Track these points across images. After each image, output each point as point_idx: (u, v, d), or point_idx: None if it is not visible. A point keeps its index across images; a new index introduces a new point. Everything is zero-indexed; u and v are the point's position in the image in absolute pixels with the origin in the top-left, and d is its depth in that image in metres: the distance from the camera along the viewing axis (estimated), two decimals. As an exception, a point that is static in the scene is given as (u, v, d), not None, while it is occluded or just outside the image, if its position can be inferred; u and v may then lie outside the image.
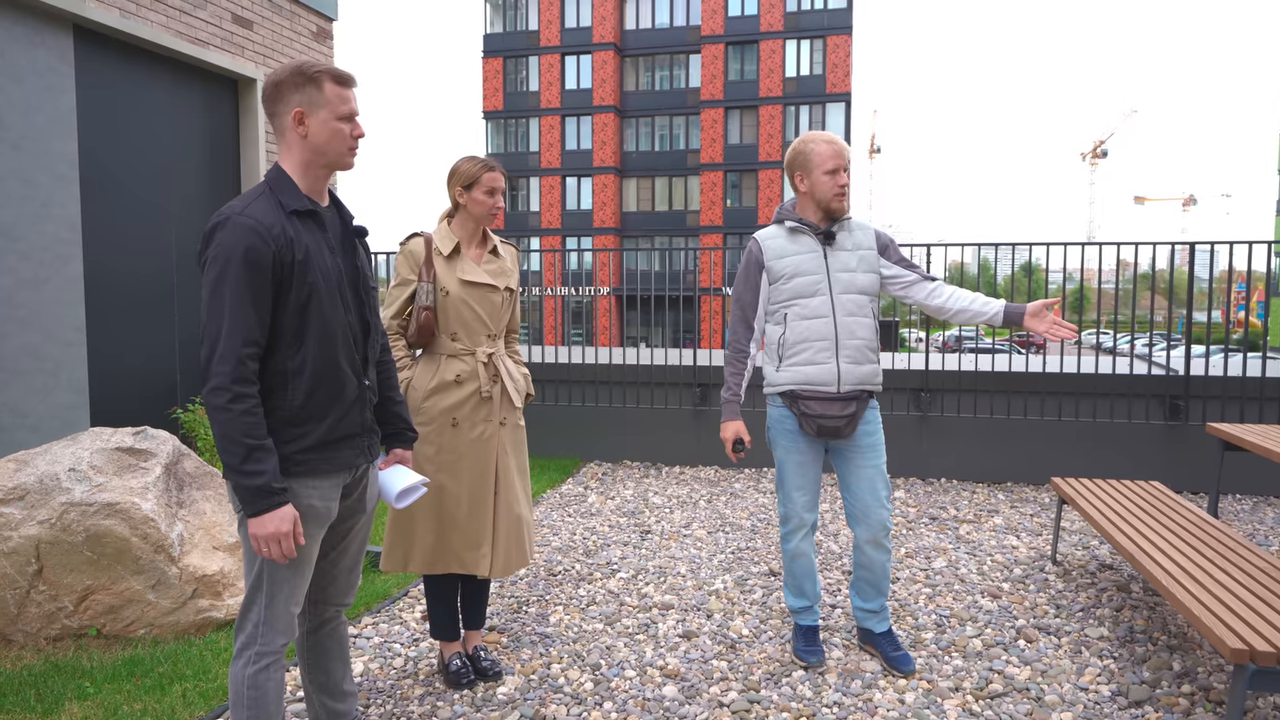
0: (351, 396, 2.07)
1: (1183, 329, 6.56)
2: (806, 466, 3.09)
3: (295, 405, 1.98)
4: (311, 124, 1.99)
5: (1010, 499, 5.60)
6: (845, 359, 2.99)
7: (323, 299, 1.99)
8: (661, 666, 3.12)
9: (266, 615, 2.02)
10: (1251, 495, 5.64)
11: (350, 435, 2.08)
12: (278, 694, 2.09)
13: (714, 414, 6.50)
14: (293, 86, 1.99)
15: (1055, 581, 4.03)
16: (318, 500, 2.02)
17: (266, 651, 2.03)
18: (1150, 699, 2.87)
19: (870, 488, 3.06)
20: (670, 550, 4.51)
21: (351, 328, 2.08)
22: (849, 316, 3.00)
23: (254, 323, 1.90)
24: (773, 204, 43.63)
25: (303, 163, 2.02)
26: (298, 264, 1.95)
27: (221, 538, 3.47)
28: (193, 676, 2.93)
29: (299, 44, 7.45)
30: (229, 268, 1.89)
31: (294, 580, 2.03)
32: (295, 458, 1.98)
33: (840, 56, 42.43)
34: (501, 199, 2.92)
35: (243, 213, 1.92)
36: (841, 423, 2.99)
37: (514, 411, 2.98)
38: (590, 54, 45.64)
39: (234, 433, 1.86)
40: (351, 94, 2.04)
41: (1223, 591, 2.70)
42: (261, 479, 1.87)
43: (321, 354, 2.00)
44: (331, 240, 2.07)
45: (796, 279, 3.01)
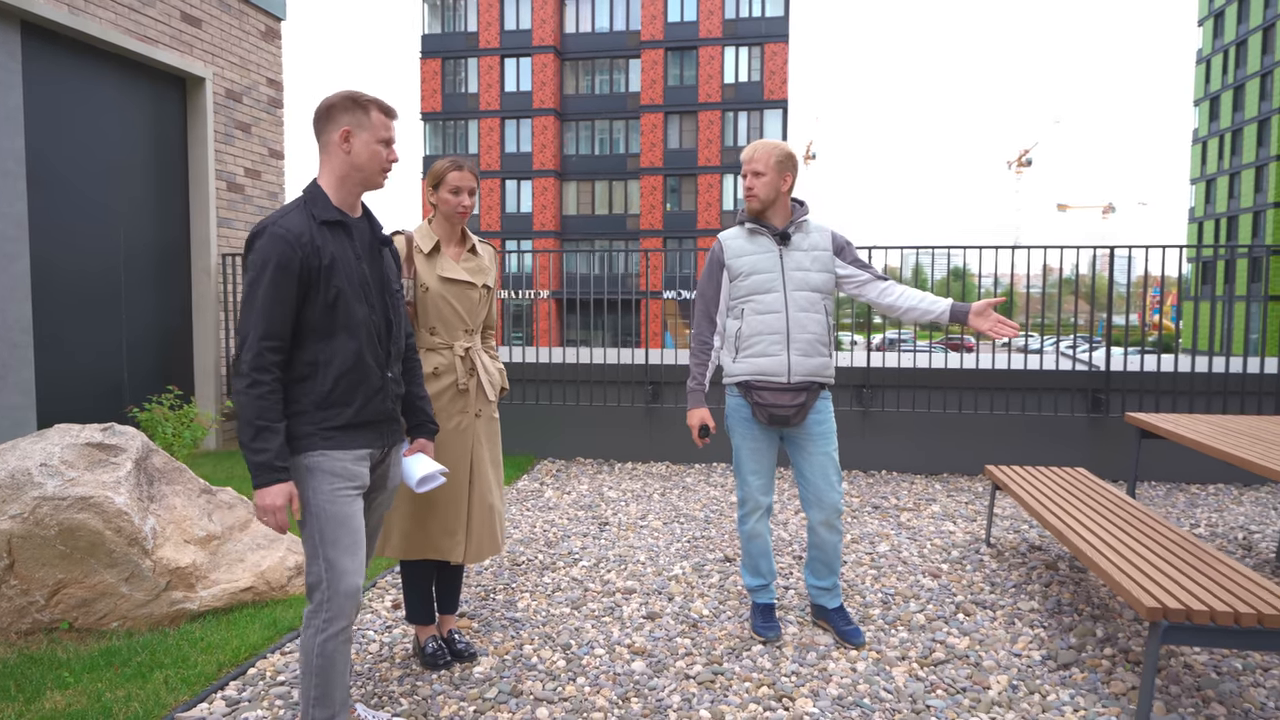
0: (375, 386, 2.29)
1: (1103, 330, 6.97)
2: (761, 453, 3.30)
3: (324, 391, 2.21)
4: (355, 143, 2.24)
5: (947, 488, 5.92)
6: (795, 352, 3.18)
7: (349, 299, 2.22)
8: (629, 645, 3.28)
9: (331, 582, 2.21)
10: (1165, 481, 6.08)
11: (373, 421, 2.30)
12: (344, 663, 2.28)
13: (665, 411, 6.70)
14: (344, 109, 2.25)
15: (989, 562, 4.33)
16: (351, 464, 2.25)
17: (335, 617, 2.22)
18: (1076, 661, 3.15)
19: (823, 473, 3.27)
20: (629, 540, 4.68)
21: (376, 326, 2.29)
22: (800, 312, 3.20)
23: (278, 321, 2.13)
24: (712, 208, 44.17)
25: (340, 177, 2.26)
26: (324, 269, 2.18)
27: (193, 531, 3.51)
28: (172, 664, 2.98)
29: (248, 43, 7.41)
30: (263, 272, 2.13)
31: (349, 544, 2.22)
32: (324, 433, 2.21)
33: (778, 64, 43.24)
34: (468, 198, 3.02)
35: (277, 223, 2.16)
36: (791, 412, 3.20)
37: (489, 404, 3.11)
38: (530, 56, 45.57)
39: (248, 414, 2.10)
40: (392, 124, 2.30)
41: (1140, 561, 2.99)
42: (265, 456, 2.10)
43: (348, 348, 2.22)
44: (359, 248, 2.29)
45: (753, 276, 3.22)
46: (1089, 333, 6.64)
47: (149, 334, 6.60)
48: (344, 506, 2.22)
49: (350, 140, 2.23)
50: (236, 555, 3.62)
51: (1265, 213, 51.81)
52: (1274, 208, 51.07)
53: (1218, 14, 58.65)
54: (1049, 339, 25.34)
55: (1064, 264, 5.41)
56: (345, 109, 2.24)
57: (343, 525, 2.22)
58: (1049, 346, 23.10)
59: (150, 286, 6.63)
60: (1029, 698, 2.89)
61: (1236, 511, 5.34)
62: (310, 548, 2.23)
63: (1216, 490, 5.88)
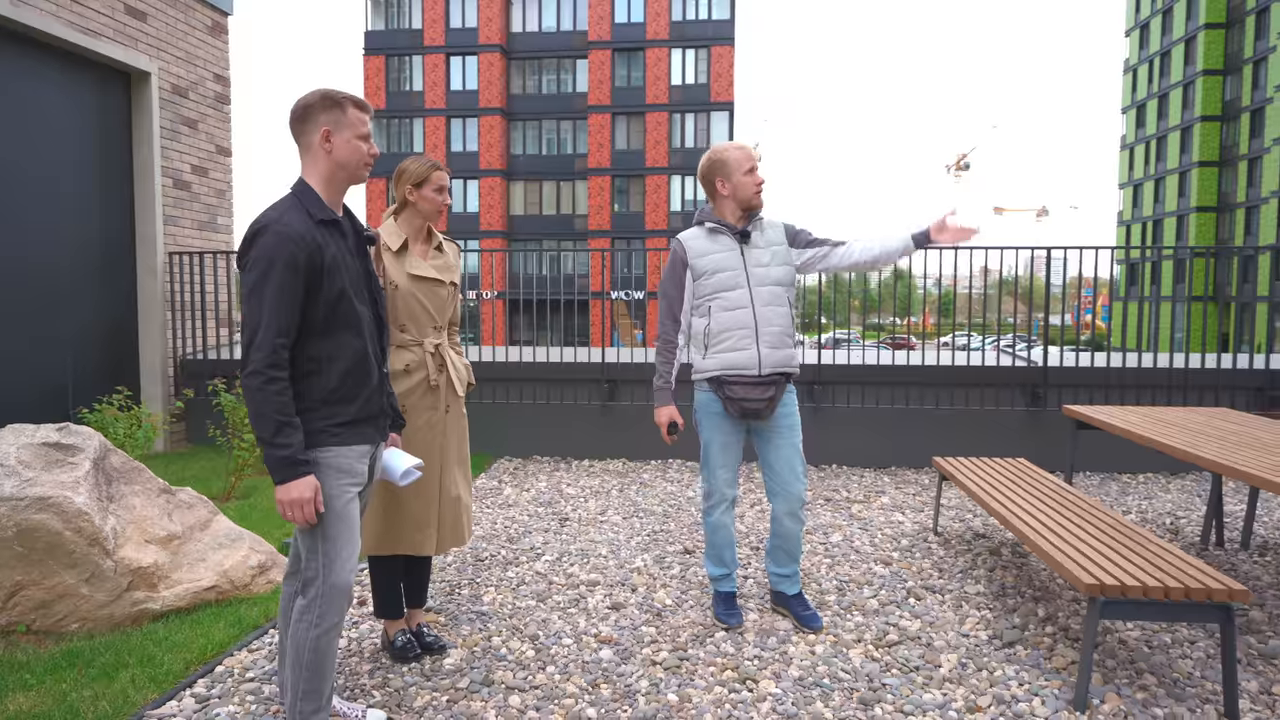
0: (375, 381, 2.35)
1: (1040, 328, 7.26)
2: (729, 446, 3.40)
3: (330, 387, 2.25)
4: (336, 141, 2.27)
5: (895, 481, 6.12)
6: (765, 345, 3.28)
7: (351, 296, 2.27)
8: (596, 634, 3.36)
9: (327, 578, 2.24)
10: (1099, 471, 6.38)
11: (373, 416, 2.37)
12: (334, 658, 2.34)
13: (621, 408, 6.78)
14: (321, 109, 2.27)
15: (937, 549, 4.51)
16: (356, 461, 2.30)
17: (329, 611, 2.26)
18: (1020, 640, 3.33)
19: (789, 464, 3.39)
20: (589, 535, 4.76)
21: (370, 322, 2.36)
22: (766, 307, 3.30)
23: (287, 317, 2.16)
24: (659, 209, 44.39)
25: (326, 176, 2.29)
26: (327, 266, 2.22)
27: (153, 531, 3.48)
28: (138, 664, 2.97)
29: (194, 38, 7.28)
30: (270, 270, 2.14)
31: (348, 541, 2.27)
32: (331, 430, 2.25)
33: (724, 67, 43.66)
34: (449, 196, 3.10)
35: (279, 221, 2.18)
36: (762, 404, 3.29)
37: (457, 400, 3.16)
38: (476, 55, 45.22)
39: (267, 410, 2.12)
40: (368, 118, 2.33)
41: (1078, 543, 3.18)
42: (289, 450, 2.12)
43: (353, 344, 2.27)
44: (350, 246, 2.34)
45: (718, 275, 3.31)
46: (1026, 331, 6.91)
47: (93, 334, 6.45)
48: (346, 505, 2.27)
49: (331, 139, 2.26)
50: (198, 555, 3.60)
51: (1189, 217, 54.07)
52: (1197, 212, 53.33)
53: (1143, 25, 61.02)
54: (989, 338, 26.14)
55: (1003, 265, 5.65)
56: (322, 109, 2.26)
57: (343, 521, 2.26)
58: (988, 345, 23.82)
59: (95, 286, 6.48)
60: (977, 674, 3.04)
61: (1165, 498, 5.64)
62: (309, 543, 2.26)
63: (1146, 479, 6.19)
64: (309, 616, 2.26)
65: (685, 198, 44.49)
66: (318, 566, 2.25)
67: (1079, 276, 6.33)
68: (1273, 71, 45.59)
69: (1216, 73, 52.55)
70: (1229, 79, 52.34)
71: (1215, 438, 3.63)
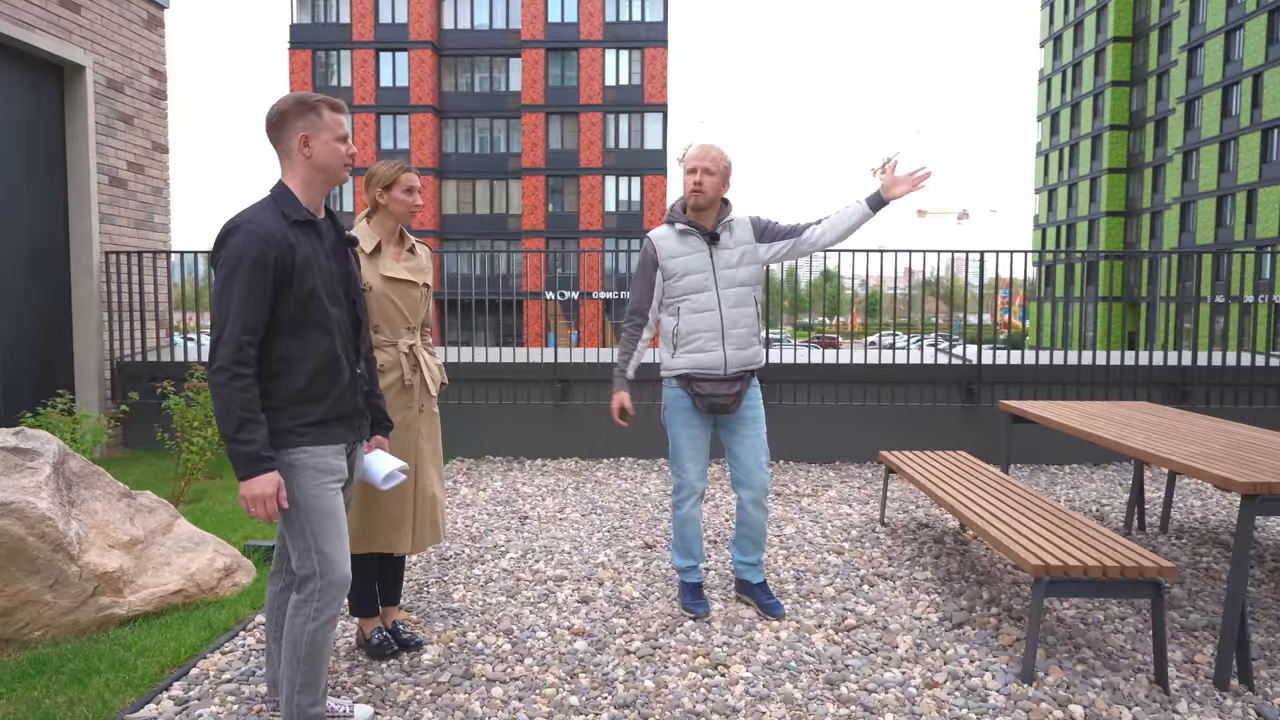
0: (346, 381, 2.36)
1: (972, 328, 7.62)
2: (697, 440, 3.54)
3: (299, 387, 2.26)
4: (314, 145, 2.30)
5: (840, 475, 6.36)
6: (730, 346, 3.41)
7: (322, 296, 2.28)
8: (569, 627, 3.45)
9: (324, 572, 2.28)
10: (1029, 463, 6.73)
11: (345, 415, 2.37)
12: (330, 651, 2.37)
13: (574, 408, 6.86)
14: (296, 114, 2.29)
15: (885, 539, 4.73)
16: (331, 458, 2.31)
17: (327, 604, 2.29)
18: (968, 620, 3.55)
19: (753, 454, 3.54)
20: (551, 532, 4.83)
21: (344, 322, 2.37)
22: (733, 309, 3.42)
23: (254, 315, 2.17)
24: (594, 209, 44.45)
25: (305, 180, 2.32)
26: (298, 265, 2.23)
27: (116, 535, 3.43)
28: (110, 669, 2.94)
29: (129, 31, 7.08)
30: (239, 268, 2.16)
31: (337, 535, 2.30)
32: (299, 430, 2.26)
33: (657, 68, 43.96)
34: (419, 198, 3.13)
35: (251, 220, 2.21)
36: (729, 400, 3.44)
37: (430, 399, 3.22)
38: (406, 51, 44.54)
39: (231, 406, 2.14)
40: (344, 119, 2.35)
41: (1021, 528, 3.40)
42: (251, 447, 2.14)
43: (322, 344, 2.28)
44: (326, 247, 2.36)
45: (687, 277, 3.42)
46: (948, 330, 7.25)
47: (23, 334, 6.22)
48: (331, 500, 2.30)
49: (310, 144, 2.29)
50: (162, 558, 3.56)
51: (1099, 221, 56.71)
52: (1107, 216, 55.98)
53: (1056, 37, 63.70)
54: (914, 337, 27.00)
55: (926, 267, 5.95)
56: (297, 114, 2.29)
57: (331, 518, 2.29)
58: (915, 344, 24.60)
59: (24, 283, 6.25)
60: (931, 653, 3.24)
61: (1089, 487, 6.00)
62: (301, 542, 2.29)
63: (1071, 470, 6.57)
64: (306, 610, 2.29)
65: (620, 198, 44.66)
66: (313, 564, 2.28)
67: (996, 278, 6.68)
68: (1175, 84, 48.18)
69: (1124, 84, 55.26)
70: (1135, 90, 55.09)
71: (1141, 429, 3.92)
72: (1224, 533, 4.89)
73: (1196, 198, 45.77)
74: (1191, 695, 2.91)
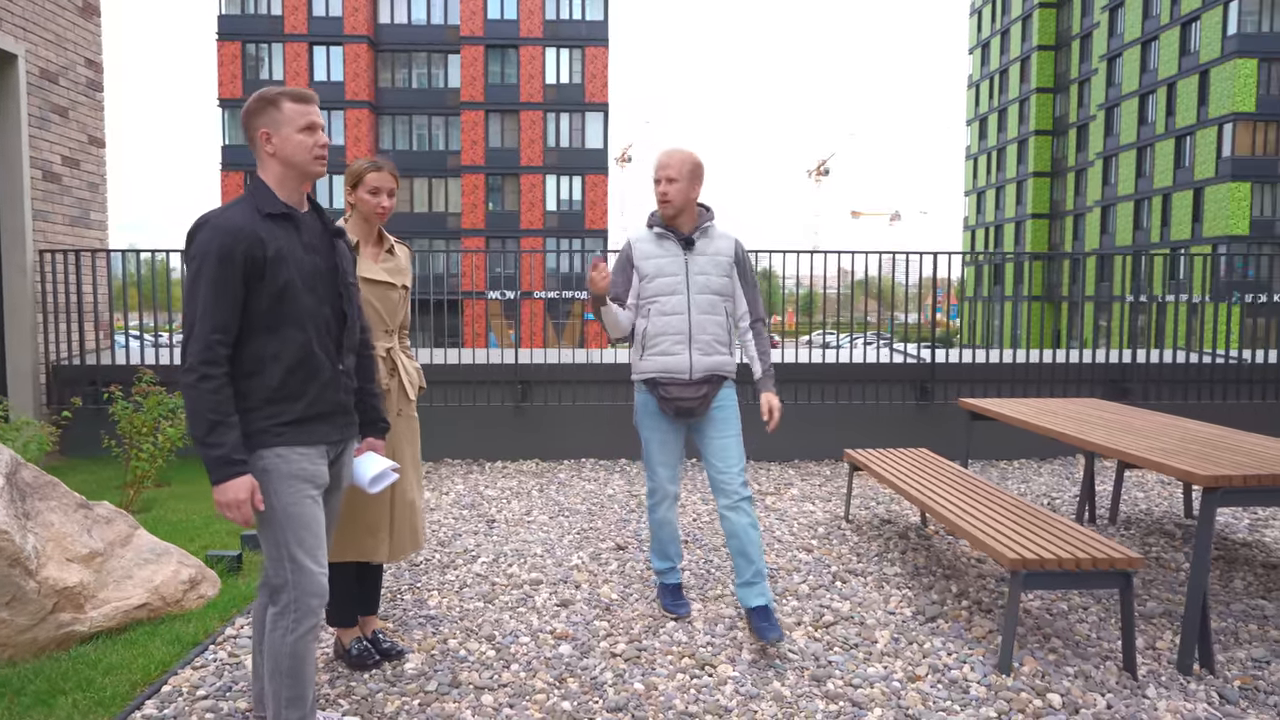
0: (326, 378, 2.27)
1: (894, 327, 7.79)
2: (668, 444, 3.51)
3: (273, 386, 2.19)
4: (277, 141, 2.23)
5: (800, 473, 6.45)
6: (697, 351, 3.37)
7: (297, 291, 2.19)
8: (551, 631, 3.42)
9: (297, 582, 2.21)
10: (979, 459, 6.93)
11: (326, 413, 2.29)
12: (313, 656, 2.29)
13: (534, 409, 6.81)
14: (257, 112, 2.23)
15: (851, 535, 4.81)
16: (308, 464, 2.23)
17: (304, 615, 2.22)
18: (941, 614, 3.63)
19: (723, 455, 3.43)
20: (520, 535, 4.79)
21: (326, 318, 2.28)
22: (701, 314, 3.39)
23: (224, 313, 2.11)
24: (535, 208, 44.18)
25: (277, 175, 2.26)
26: (269, 260, 2.15)
27: (74, 549, 3.28)
28: (76, 689, 2.80)
29: (63, 19, 6.77)
30: (205, 264, 2.11)
31: (312, 544, 2.22)
32: (274, 430, 2.19)
33: (598, 68, 43.90)
34: (387, 199, 3.02)
35: (220, 215, 2.15)
36: (695, 403, 3.40)
37: (409, 404, 3.15)
38: (341, 45, 43.58)
39: (200, 408, 2.08)
40: (310, 108, 2.26)
41: (994, 523, 3.50)
42: (221, 450, 2.08)
43: (296, 340, 2.20)
44: (308, 240, 2.28)
45: (659, 279, 3.40)
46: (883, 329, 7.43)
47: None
48: (307, 508, 2.22)
49: (271, 140, 2.22)
50: (123, 571, 3.41)
51: (1025, 223, 58.68)
52: (1033, 218, 57.96)
53: (984, 44, 65.68)
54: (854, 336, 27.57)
55: (857, 268, 6.08)
56: (257, 112, 2.23)
57: (306, 527, 2.22)
58: (854, 343, 25.11)
59: (-47, 285, 5.92)
60: (910, 647, 3.31)
61: (1039, 481, 6.21)
62: (274, 550, 2.22)
63: (1020, 464, 6.79)
64: (284, 622, 2.22)
65: (561, 197, 44.48)
66: (286, 573, 2.21)
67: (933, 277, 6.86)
68: (1095, 91, 50.16)
69: (1048, 91, 57.29)
70: (1058, 97, 57.17)
71: (1100, 425, 4.07)
72: (1168, 523, 5.11)
73: (1116, 201, 47.74)
74: (1158, 680, 3.04)
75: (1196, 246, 41.34)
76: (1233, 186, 39.16)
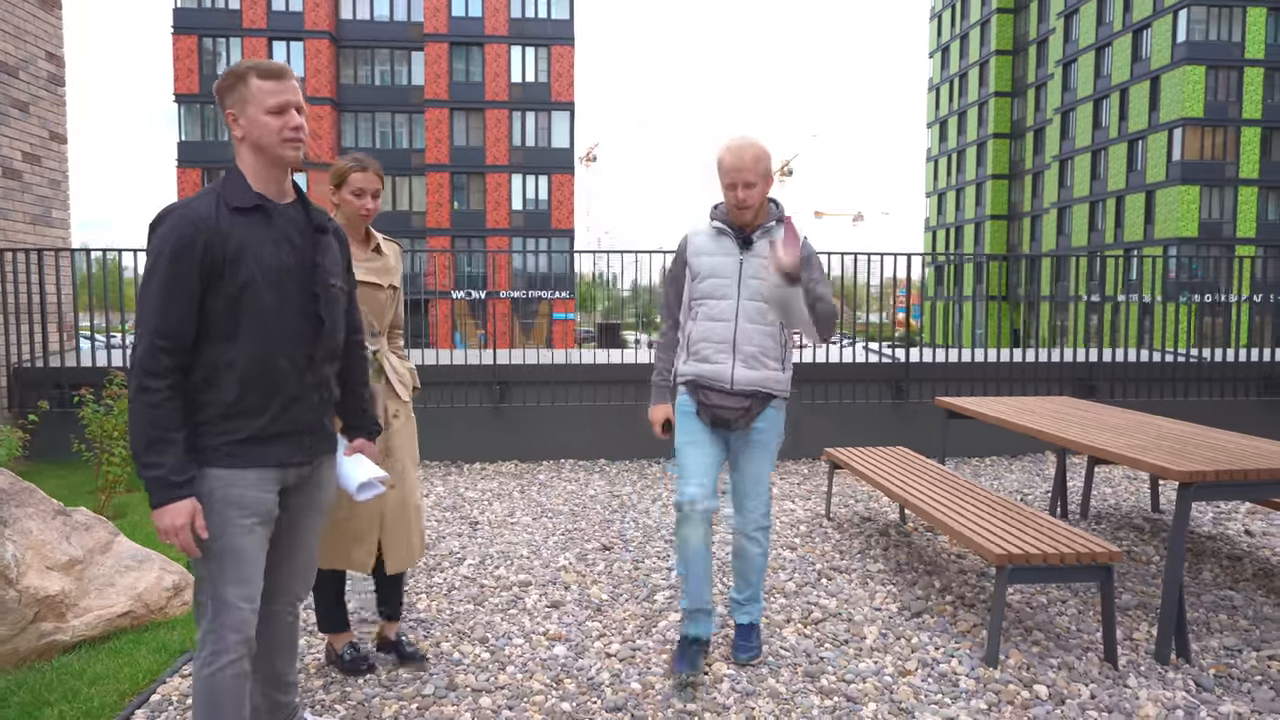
0: (291, 394, 2.06)
1: (860, 324, 7.89)
2: (704, 453, 3.06)
3: (228, 400, 1.99)
4: (244, 122, 2.02)
5: (779, 472, 6.51)
6: (740, 363, 3.00)
7: (260, 294, 1.99)
8: (544, 632, 3.42)
9: (216, 614, 2.01)
10: (953, 457, 7.05)
11: (288, 433, 2.07)
12: (235, 694, 2.06)
13: (513, 410, 6.78)
14: (225, 90, 2.03)
15: (833, 533, 4.87)
16: (251, 491, 2.01)
17: (221, 651, 2.02)
18: (926, 609, 3.70)
19: (755, 483, 3.15)
20: (505, 537, 4.77)
21: (294, 323, 2.06)
22: (749, 324, 3.00)
23: (174, 316, 1.93)
24: (500, 207, 43.91)
25: (249, 161, 2.05)
26: (229, 259, 1.96)
27: (54, 556, 3.20)
28: (62, 699, 2.74)
29: (23, 10, 6.60)
30: (158, 261, 1.93)
31: (238, 577, 2.01)
32: (224, 449, 1.99)
33: (564, 66, 43.78)
34: (371, 200, 2.92)
35: (182, 209, 1.96)
36: (735, 414, 3.03)
37: (404, 405, 3.10)
38: (301, 41, 42.93)
39: (139, 422, 1.90)
40: (281, 85, 2.02)
41: (978, 519, 3.57)
42: (159, 470, 1.89)
43: (255, 349, 2.00)
44: (283, 235, 2.06)
45: (710, 279, 3.04)
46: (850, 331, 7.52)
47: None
48: (238, 538, 2.01)
49: (239, 122, 2.02)
50: (105, 579, 3.34)
51: (985, 224, 59.73)
52: (991, 220, 59.02)
53: (944, 48, 66.72)
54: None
55: (829, 268, 6.18)
56: (225, 90, 2.03)
57: (235, 557, 2.01)
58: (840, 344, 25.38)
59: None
60: (898, 642, 3.37)
61: (1010, 478, 6.34)
62: (199, 571, 2.04)
63: (992, 461, 6.92)
64: (202, 653, 2.04)
65: (527, 196, 44.27)
66: (206, 602, 2.02)
67: (907, 278, 6.97)
68: (1051, 96, 51.23)
69: (1006, 95, 58.38)
70: (1016, 101, 58.29)
71: (1076, 424, 4.17)
72: (1137, 517, 5.25)
73: (1072, 203, 48.80)
74: (1138, 670, 3.13)
75: (1149, 248, 42.44)
76: (1182, 189, 40.28)
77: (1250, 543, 4.69)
